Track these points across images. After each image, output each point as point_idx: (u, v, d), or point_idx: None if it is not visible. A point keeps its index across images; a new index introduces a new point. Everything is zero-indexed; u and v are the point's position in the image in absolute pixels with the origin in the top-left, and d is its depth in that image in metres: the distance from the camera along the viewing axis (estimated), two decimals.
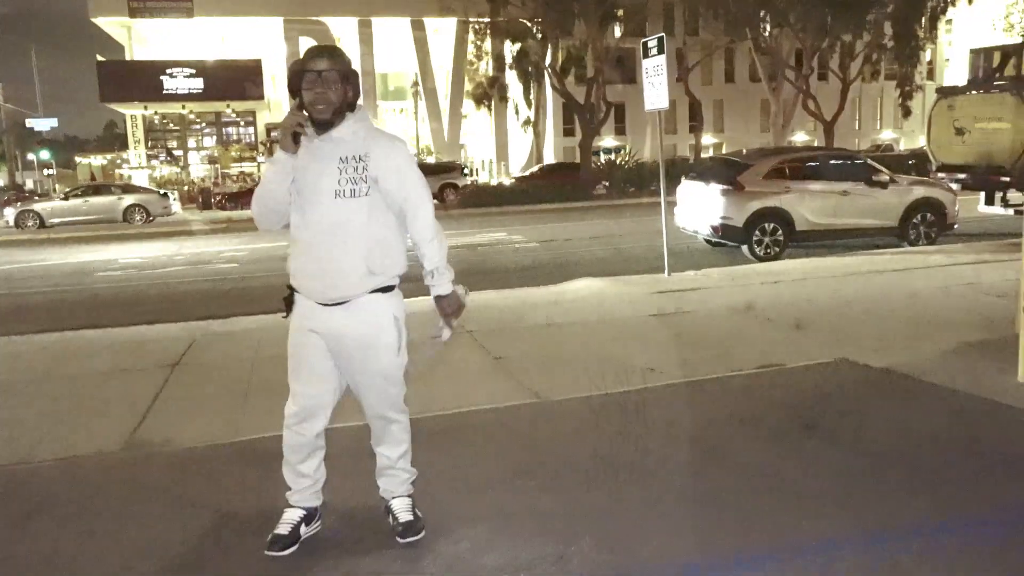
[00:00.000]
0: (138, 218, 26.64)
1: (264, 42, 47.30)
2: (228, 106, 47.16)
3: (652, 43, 9.69)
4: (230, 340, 6.98)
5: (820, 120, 35.39)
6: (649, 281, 9.32)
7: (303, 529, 3.00)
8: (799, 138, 50.12)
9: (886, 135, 56.03)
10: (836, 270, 9.45)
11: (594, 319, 7.13)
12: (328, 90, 2.72)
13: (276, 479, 3.10)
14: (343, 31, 48.90)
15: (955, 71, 54.70)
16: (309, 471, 3.00)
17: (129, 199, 27.22)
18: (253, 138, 50.25)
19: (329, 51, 2.81)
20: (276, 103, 48.39)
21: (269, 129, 48.26)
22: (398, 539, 2.98)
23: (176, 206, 31.00)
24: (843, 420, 4.19)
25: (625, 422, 4.30)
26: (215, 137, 51.11)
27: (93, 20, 45.79)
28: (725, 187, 11.52)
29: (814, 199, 11.45)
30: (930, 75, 53.65)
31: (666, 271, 9.71)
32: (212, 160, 49.09)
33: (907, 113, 38.86)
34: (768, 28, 36.60)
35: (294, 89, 2.79)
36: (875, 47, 36.11)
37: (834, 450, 3.77)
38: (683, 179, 12.96)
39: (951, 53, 55.70)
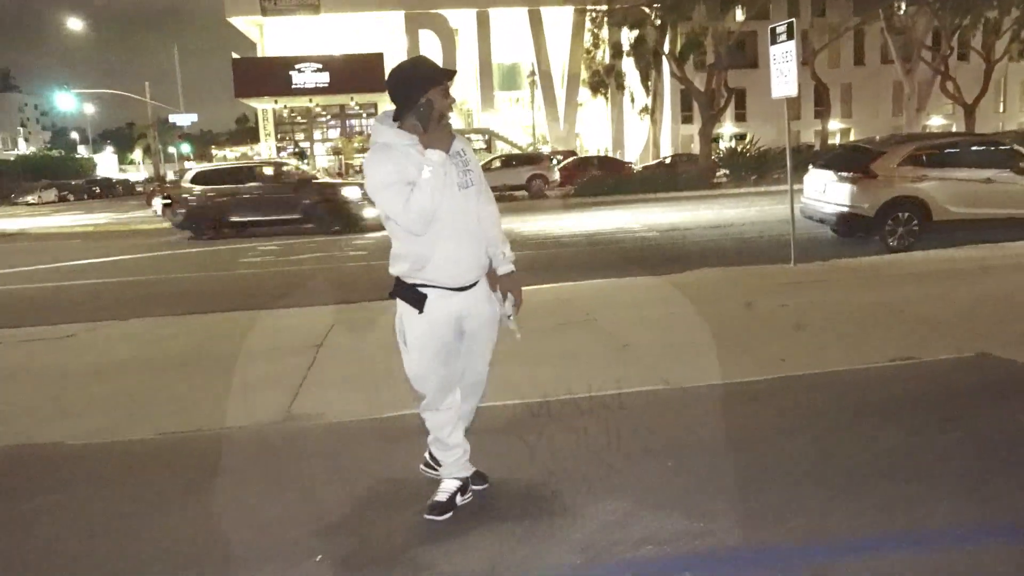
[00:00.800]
0: None
1: (385, 36, 48.69)
2: (352, 99, 48.88)
3: (781, 29, 9.51)
4: (369, 323, 7.38)
5: (960, 103, 33.37)
6: (775, 271, 9.18)
7: (458, 498, 3.28)
8: (935, 122, 47.38)
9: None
10: (976, 262, 9.02)
11: (719, 308, 7.12)
12: (452, 99, 3.06)
13: (416, 451, 3.36)
14: (461, 22, 49.74)
15: None
16: (459, 441, 3.29)
17: None
18: None
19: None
20: None
21: None
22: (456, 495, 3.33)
23: None
24: (981, 415, 4.10)
25: (756, 410, 4.34)
26: (339, 129, 53.09)
27: (229, 19, 48.42)
28: (856, 175, 11.15)
29: (954, 187, 10.91)
30: None
31: (792, 261, 9.53)
32: (336, 151, 51.04)
33: None
34: (903, 6, 34.77)
35: (418, 91, 2.97)
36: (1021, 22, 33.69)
37: (971, 443, 3.71)
38: (810, 167, 12.61)
39: None
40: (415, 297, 3.05)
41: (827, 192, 11.67)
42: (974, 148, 11.58)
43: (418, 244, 3.00)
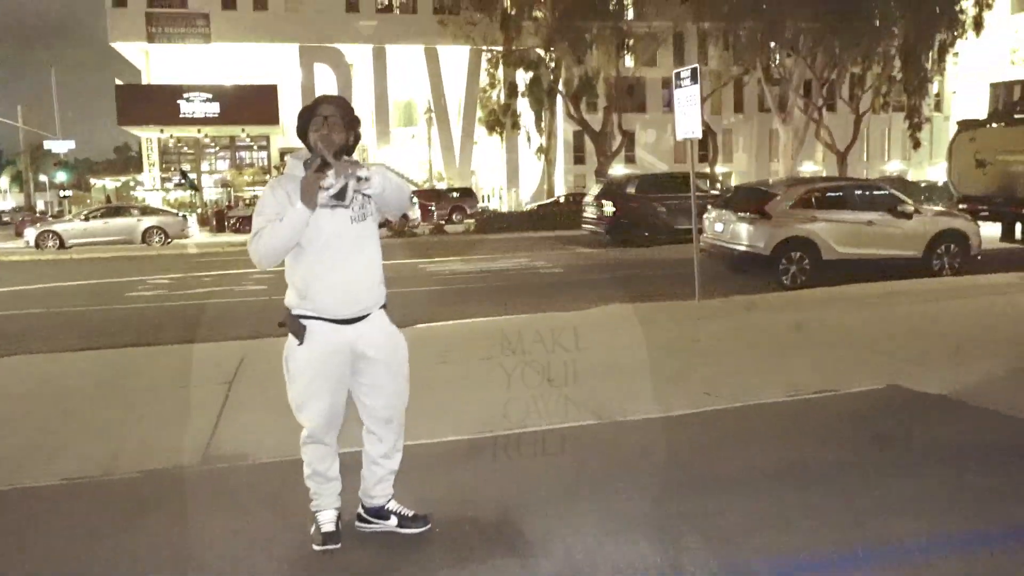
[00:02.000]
0: (156, 240, 26.87)
1: (279, 68, 47.91)
2: (243, 130, 47.70)
3: (685, 73, 9.88)
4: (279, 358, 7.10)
5: (833, 151, 35.67)
6: (682, 307, 9.45)
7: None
8: (808, 168, 50.42)
9: (894, 166, 56.32)
10: (867, 296, 9.58)
11: (635, 342, 7.25)
12: (332, 132, 3.04)
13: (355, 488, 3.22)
14: (357, 58, 49.53)
15: (963, 103, 55.18)
16: (336, 474, 3.29)
17: (148, 221, 27.45)
18: (266, 162, 50.70)
19: (335, 99, 3.18)
20: (290, 128, 48.84)
21: (283, 153, 48.72)
22: (408, 531, 3.28)
23: (194, 228, 31.28)
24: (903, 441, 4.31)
25: (691, 439, 4.42)
26: (228, 161, 51.59)
27: (112, 45, 46.48)
28: (752, 215, 11.69)
29: (840, 228, 11.60)
30: (937, 107, 54.12)
31: (696, 297, 9.84)
32: (225, 184, 49.52)
33: (916, 144, 39.08)
34: (778, 58, 37.04)
35: (302, 132, 3.10)
36: (885, 79, 36.47)
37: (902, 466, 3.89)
38: (709, 207, 13.13)
39: (957, 85, 56.14)
40: (296, 328, 3.08)
41: (725, 231, 12.17)
42: (858, 192, 12.36)
43: (303, 272, 3.04)
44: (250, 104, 45.12)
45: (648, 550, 3.02)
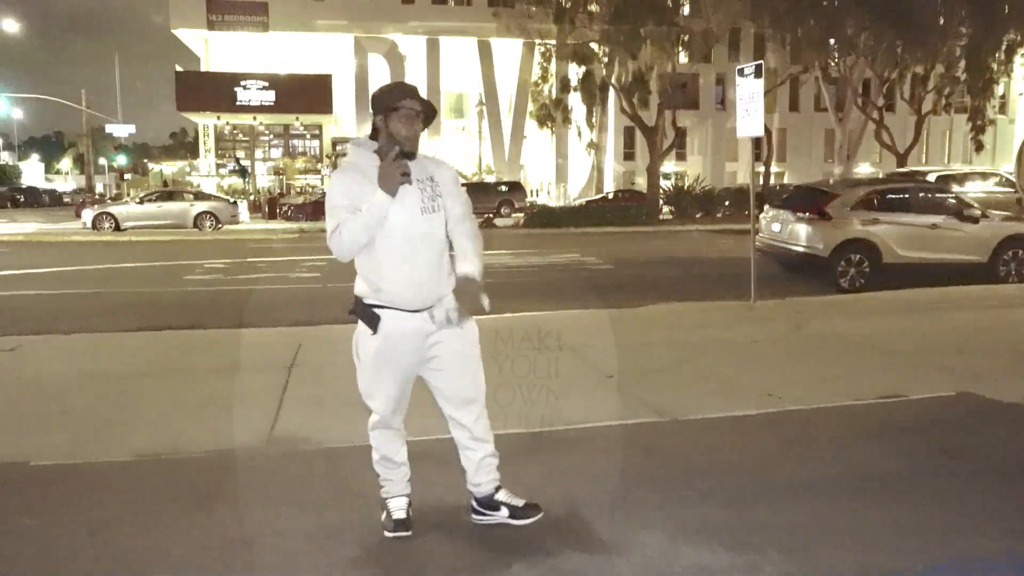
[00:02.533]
0: (208, 225, 27.36)
1: (334, 57, 48.40)
2: (297, 119, 48.29)
3: (749, 69, 9.68)
4: (337, 344, 7.18)
5: (893, 152, 34.83)
6: (737, 308, 9.30)
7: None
8: (863, 169, 49.37)
9: (959, 168, 54.83)
10: (931, 302, 9.32)
11: (694, 341, 7.17)
12: (420, 127, 3.09)
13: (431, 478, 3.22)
14: (411, 49, 49.80)
15: None
16: (404, 459, 3.34)
17: (200, 206, 27.94)
18: (318, 151, 51.32)
19: (419, 96, 3.13)
20: (343, 118, 49.39)
21: (335, 143, 49.26)
22: (519, 522, 3.23)
23: (245, 214, 31.77)
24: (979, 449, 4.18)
25: (758, 440, 4.34)
26: (281, 149, 52.32)
27: (174, 31, 47.45)
28: (811, 216, 11.46)
29: (903, 231, 11.31)
30: (1002, 109, 52.48)
31: (752, 298, 9.68)
32: (278, 171, 50.23)
33: (979, 147, 37.95)
34: (836, 57, 36.25)
35: (379, 111, 3.09)
36: (949, 79, 35.47)
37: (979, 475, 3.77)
38: (766, 207, 12.92)
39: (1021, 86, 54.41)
40: (369, 317, 3.10)
41: (783, 231, 11.96)
42: (922, 195, 12.03)
43: (375, 265, 3.06)
44: (304, 93, 45.64)
45: (725, 557, 2.97)
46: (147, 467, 4.13)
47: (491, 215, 31.83)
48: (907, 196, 11.89)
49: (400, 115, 3.03)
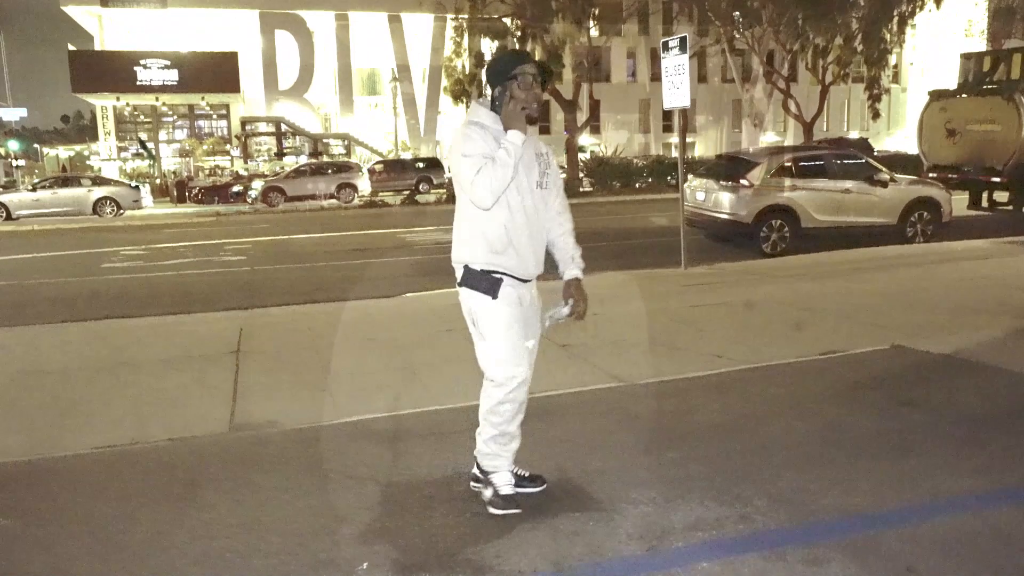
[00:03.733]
0: (108, 211, 26.15)
1: (239, 34, 46.77)
2: (203, 98, 46.54)
3: (673, 42, 9.90)
4: (278, 328, 7.08)
5: (800, 121, 36.11)
6: (671, 275, 9.59)
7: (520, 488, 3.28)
8: (769, 138, 50.97)
9: (853, 136, 57.18)
10: (849, 263, 9.81)
11: (636, 309, 7.36)
12: (539, 90, 3.14)
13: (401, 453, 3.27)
14: (320, 24, 48.57)
15: (917, 74, 56.26)
16: (518, 430, 3.27)
17: (99, 191, 26.66)
18: (227, 131, 49.63)
19: (532, 58, 3.24)
20: (251, 97, 47.90)
21: (244, 122, 47.78)
22: (525, 490, 3.31)
23: (148, 199, 30.55)
24: (928, 397, 4.49)
25: (719, 401, 4.54)
26: (187, 130, 50.35)
27: (63, 8, 44.88)
28: (734, 184, 11.84)
29: (819, 197, 11.82)
30: (895, 78, 54.96)
31: (683, 265, 9.98)
32: (184, 153, 48.36)
33: (876, 115, 39.74)
34: (742, 29, 37.23)
35: (497, 76, 3.16)
36: (847, 50, 36.92)
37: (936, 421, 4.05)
38: (690, 176, 13.25)
39: (913, 57, 57.13)
40: (489, 283, 3.11)
41: (708, 200, 12.32)
42: (836, 161, 12.57)
43: (497, 229, 3.07)
44: (209, 72, 43.95)
45: (716, 509, 3.13)
46: (113, 459, 4.03)
47: (411, 191, 31.61)
48: (822, 163, 12.40)
49: (520, 82, 3.09)
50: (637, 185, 30.47)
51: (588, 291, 3.25)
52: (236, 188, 32.18)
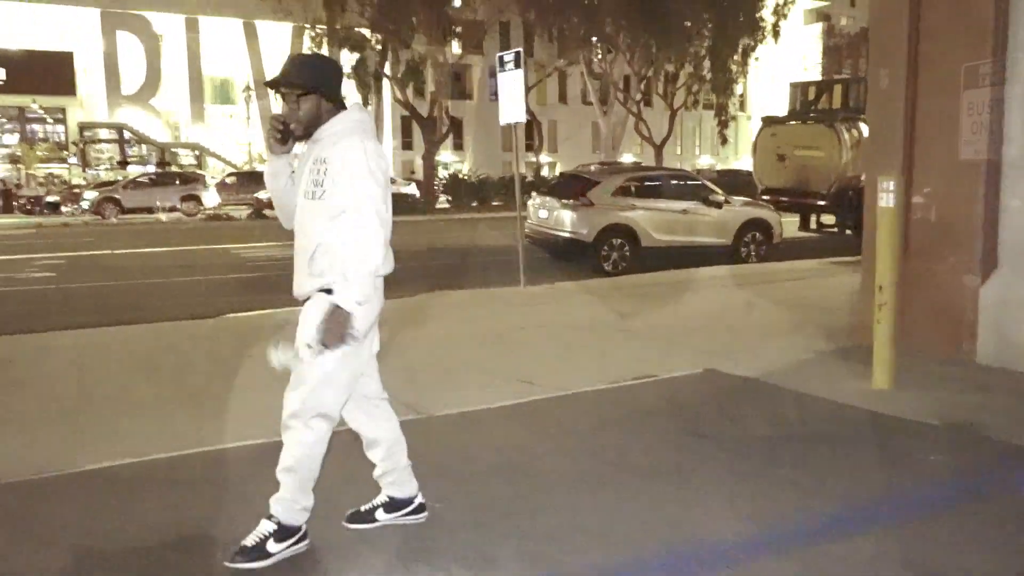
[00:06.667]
0: None
1: (78, 34, 43.71)
2: (34, 100, 43.05)
3: (508, 57, 9.76)
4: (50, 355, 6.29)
5: (651, 144, 37.35)
6: (508, 294, 9.36)
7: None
8: (627, 159, 52.63)
9: (704, 160, 59.98)
10: (682, 283, 9.91)
11: (460, 331, 7.05)
12: (294, 106, 2.85)
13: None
14: (168, 28, 46.15)
15: (761, 103, 59.78)
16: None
17: None
18: (63, 137, 46.13)
19: (295, 62, 2.97)
20: (91, 102, 44.82)
21: (82, 128, 44.62)
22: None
23: None
24: (723, 426, 4.36)
25: (508, 434, 4.24)
26: (18, 134, 46.43)
27: None
28: (575, 202, 11.82)
29: (658, 216, 11.97)
30: (742, 106, 58.15)
31: (522, 284, 9.79)
32: (14, 160, 44.53)
33: (724, 140, 41.79)
34: (599, 53, 38.25)
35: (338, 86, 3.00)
36: (696, 78, 38.61)
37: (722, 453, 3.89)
38: (534, 194, 13.17)
39: (758, 87, 60.73)
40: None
41: (550, 218, 12.25)
42: (673, 182, 12.81)
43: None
44: (42, 72, 40.75)
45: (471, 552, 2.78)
46: None
47: (258, 205, 30.18)
48: (661, 183, 12.61)
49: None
50: (494, 203, 30.52)
51: (421, 311, 2.89)
52: (51, 198, 29.98)
